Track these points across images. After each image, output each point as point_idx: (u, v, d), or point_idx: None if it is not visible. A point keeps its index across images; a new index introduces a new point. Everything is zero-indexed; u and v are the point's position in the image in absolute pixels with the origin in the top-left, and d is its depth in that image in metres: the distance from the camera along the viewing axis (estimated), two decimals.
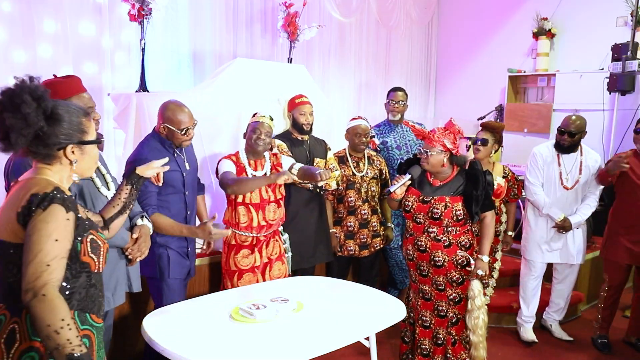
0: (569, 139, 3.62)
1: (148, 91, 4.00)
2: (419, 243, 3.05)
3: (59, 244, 1.48)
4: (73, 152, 1.62)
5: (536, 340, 3.80)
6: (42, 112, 1.54)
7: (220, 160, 3.10)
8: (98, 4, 4.44)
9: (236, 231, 3.05)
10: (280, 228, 3.25)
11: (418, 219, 3.05)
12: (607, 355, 3.70)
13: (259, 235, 3.07)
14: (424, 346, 3.12)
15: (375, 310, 2.53)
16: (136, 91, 3.97)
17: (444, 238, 3.01)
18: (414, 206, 3.06)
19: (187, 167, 2.87)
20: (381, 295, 2.76)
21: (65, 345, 1.41)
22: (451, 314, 3.06)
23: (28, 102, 1.50)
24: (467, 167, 3.06)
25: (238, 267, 3.04)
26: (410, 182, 3.07)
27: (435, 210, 2.99)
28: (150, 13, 3.88)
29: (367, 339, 2.50)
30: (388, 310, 2.50)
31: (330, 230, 3.66)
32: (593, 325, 3.88)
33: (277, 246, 3.18)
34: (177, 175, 2.79)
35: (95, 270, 1.65)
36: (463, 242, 3.03)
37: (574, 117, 3.65)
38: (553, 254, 3.79)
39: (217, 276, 3.44)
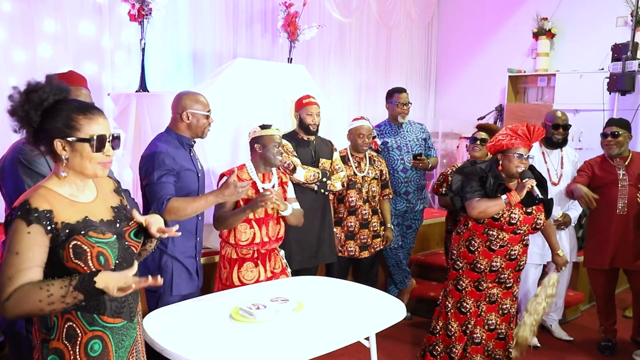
0: (564, 131, 3.68)
1: (148, 91, 3.99)
2: (512, 252, 3.00)
3: (20, 257, 1.49)
4: (64, 148, 1.57)
5: (539, 345, 3.78)
6: (36, 106, 1.54)
7: (222, 177, 2.90)
8: (98, 4, 4.45)
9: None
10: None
11: (519, 231, 2.96)
12: (608, 356, 3.70)
13: (260, 249, 2.93)
14: (488, 348, 3.11)
15: (375, 310, 2.52)
16: (136, 91, 3.97)
17: (528, 242, 3.10)
18: (520, 219, 2.93)
19: (200, 168, 2.77)
20: (381, 295, 2.75)
21: (65, 301, 1.47)
22: (513, 310, 3.16)
23: (14, 94, 1.54)
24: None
25: (242, 282, 2.87)
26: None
27: (539, 220, 2.97)
28: (150, 13, 3.88)
29: (367, 339, 2.50)
30: (388, 310, 2.50)
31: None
32: (599, 331, 3.86)
33: (279, 260, 3.05)
34: (193, 177, 2.66)
35: None
36: (527, 241, 3.10)
37: (559, 112, 3.72)
38: (550, 253, 3.77)
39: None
